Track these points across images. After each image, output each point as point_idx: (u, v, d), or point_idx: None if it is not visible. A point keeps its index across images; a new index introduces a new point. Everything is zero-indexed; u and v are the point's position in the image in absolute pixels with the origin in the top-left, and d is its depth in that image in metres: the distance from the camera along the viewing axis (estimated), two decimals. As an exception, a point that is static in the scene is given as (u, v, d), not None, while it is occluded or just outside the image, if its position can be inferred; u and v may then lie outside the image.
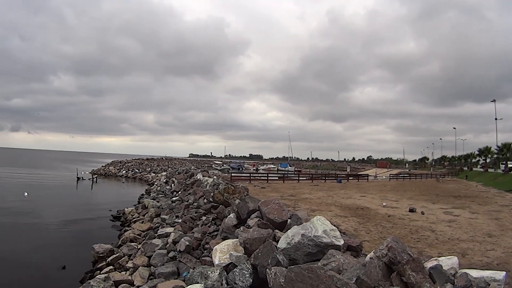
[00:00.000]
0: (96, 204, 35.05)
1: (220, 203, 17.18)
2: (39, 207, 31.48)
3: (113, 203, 34.82)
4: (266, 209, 11.39)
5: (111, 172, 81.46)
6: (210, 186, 25.41)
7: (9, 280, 14.03)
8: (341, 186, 40.81)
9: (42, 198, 37.20)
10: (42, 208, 30.85)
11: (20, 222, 24.82)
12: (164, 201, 28.03)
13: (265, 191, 28.30)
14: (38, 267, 15.66)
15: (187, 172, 45.46)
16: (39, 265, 15.91)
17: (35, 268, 15.52)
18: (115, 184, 61.11)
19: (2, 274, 14.50)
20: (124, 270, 13.78)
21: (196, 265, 11.34)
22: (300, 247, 8.17)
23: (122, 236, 19.62)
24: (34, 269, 15.39)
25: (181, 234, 14.65)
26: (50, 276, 14.69)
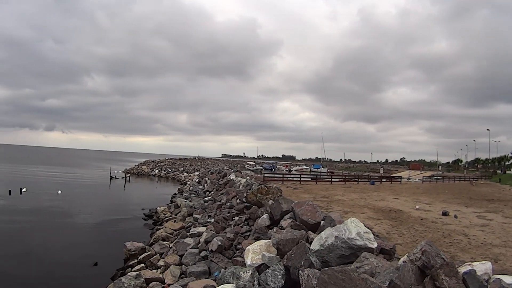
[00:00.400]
0: (129, 203, 36.00)
1: (253, 204, 17.18)
2: (73, 205, 32.67)
3: (145, 202, 35.63)
4: (299, 210, 11.31)
5: (144, 171, 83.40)
6: (243, 187, 25.50)
7: (44, 276, 14.60)
8: (374, 188, 40.22)
9: (75, 196, 38.61)
10: (75, 206, 31.99)
11: (53, 219, 25.79)
12: (197, 201, 28.35)
13: (298, 192, 28.21)
14: (71, 264, 16.18)
15: (220, 172, 45.84)
16: (72, 262, 16.43)
17: (68, 265, 16.05)
18: (148, 183, 62.61)
19: (37, 270, 15.13)
20: (156, 268, 14.07)
21: (228, 265, 11.36)
22: (333, 249, 8.05)
23: (154, 234, 20.01)
24: (67, 266, 15.92)
25: (214, 234, 14.75)
26: (82, 273, 15.16)
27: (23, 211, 28.02)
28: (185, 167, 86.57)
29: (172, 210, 27.33)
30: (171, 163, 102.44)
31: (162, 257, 15.07)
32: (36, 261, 16.22)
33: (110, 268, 15.20)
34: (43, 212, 28.17)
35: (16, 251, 17.60)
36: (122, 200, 38.38)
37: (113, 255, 17.20)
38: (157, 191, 49.11)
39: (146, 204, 33.46)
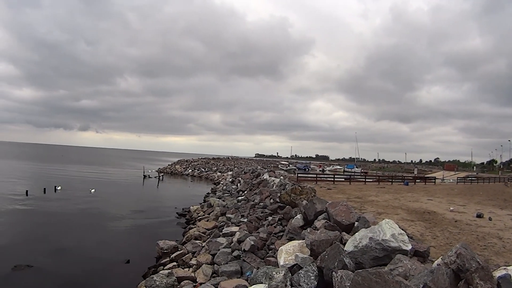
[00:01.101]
0: (162, 202, 36.76)
1: (287, 204, 17.22)
2: (106, 203, 33.77)
3: (178, 201, 36.33)
4: (333, 211, 11.28)
5: (177, 170, 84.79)
6: (277, 187, 25.56)
7: (77, 272, 15.16)
8: (408, 188, 39.75)
9: (108, 195, 39.79)
10: (108, 205, 33.06)
11: (87, 217, 26.78)
12: (230, 200, 28.63)
13: (331, 193, 28.18)
14: (104, 261, 16.75)
15: (253, 172, 46.09)
16: (105, 259, 17.02)
17: (101, 262, 16.62)
18: (181, 182, 63.68)
19: (71, 266, 15.76)
20: (188, 267, 14.34)
21: (260, 265, 11.46)
22: (367, 251, 8.01)
23: (187, 233, 20.38)
24: (100, 262, 16.48)
25: (246, 234, 14.89)
26: (114, 270, 15.69)
27: (57, 209, 29.16)
28: (218, 167, 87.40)
29: (205, 209, 27.73)
30: (205, 162, 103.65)
31: (195, 256, 15.35)
32: (70, 258, 16.91)
33: (142, 266, 15.64)
34: (77, 210, 29.28)
35: (52, 247, 18.40)
36: (155, 199, 39.22)
37: (145, 253, 17.70)
38: (190, 190, 49.91)
39: (179, 203, 34.11)
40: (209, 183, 61.30)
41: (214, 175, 70.47)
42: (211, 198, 31.95)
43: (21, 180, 49.44)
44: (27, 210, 28.31)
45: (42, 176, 57.40)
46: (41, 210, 28.59)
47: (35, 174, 62.13)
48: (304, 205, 13.75)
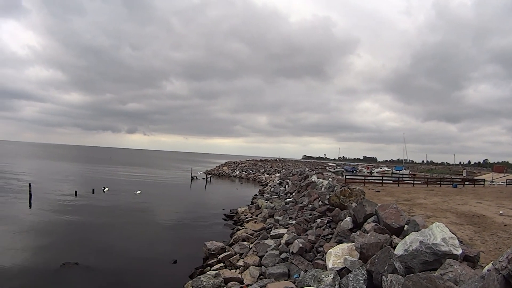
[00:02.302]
0: (209, 203, 37.46)
1: (336, 206, 17.12)
2: (153, 204, 34.99)
3: (226, 202, 36.87)
4: (383, 214, 11.15)
5: (225, 172, 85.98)
6: (325, 189, 25.41)
7: (124, 271, 15.84)
8: (456, 191, 38.36)
9: (156, 196, 41.10)
10: (156, 205, 34.25)
11: (135, 217, 27.88)
12: (278, 202, 28.71)
13: (380, 195, 27.78)
14: (151, 261, 17.35)
15: (301, 173, 45.98)
16: (152, 259, 17.62)
17: (147, 261, 17.23)
18: (229, 184, 64.61)
19: (119, 265, 16.47)
20: (235, 268, 14.60)
21: (308, 267, 11.52)
22: (417, 255, 7.90)
23: (234, 234, 20.70)
24: (147, 262, 17.10)
25: (295, 236, 14.93)
26: (162, 270, 16.22)
27: (105, 209, 30.55)
28: (266, 169, 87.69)
29: (253, 211, 28.03)
30: (252, 164, 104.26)
31: (242, 257, 15.61)
32: (117, 257, 17.68)
33: (189, 266, 16.05)
34: (124, 211, 30.54)
35: (99, 246, 19.32)
36: (202, 200, 40.06)
37: (193, 253, 18.16)
38: (237, 192, 50.58)
39: (227, 204, 34.62)
40: (257, 185, 61.86)
41: (262, 177, 70.98)
42: (259, 199, 32.15)
43: (70, 181, 52.13)
44: (76, 209, 29.82)
45: (90, 177, 60.09)
46: (89, 210, 30.04)
47: (84, 175, 65.12)
48: (353, 208, 13.66)
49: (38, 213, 27.32)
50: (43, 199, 33.14)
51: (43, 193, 36.06)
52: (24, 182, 42.29)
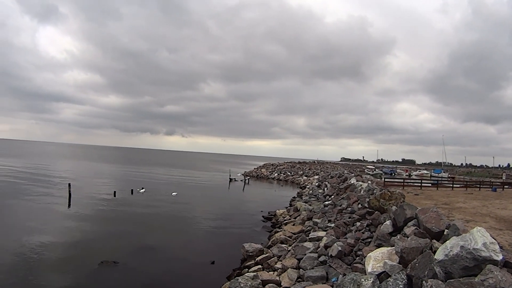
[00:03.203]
0: (248, 205, 37.85)
1: (375, 209, 16.92)
2: (191, 205, 35.64)
3: (264, 204, 37.23)
4: (423, 217, 10.95)
5: (263, 174, 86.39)
6: (365, 191, 25.13)
7: (161, 271, 16.25)
8: (496, 195, 36.92)
9: (194, 197, 41.90)
10: (194, 206, 34.88)
11: (173, 218, 28.53)
12: (316, 205, 28.61)
13: (419, 198, 27.25)
14: (188, 261, 17.79)
15: (340, 176, 45.64)
16: (189, 259, 18.06)
17: (185, 262, 17.68)
18: (267, 186, 64.78)
19: (155, 265, 16.87)
20: (272, 270, 14.64)
21: (347, 271, 11.47)
22: (457, 260, 7.73)
23: (273, 237, 20.84)
24: (184, 262, 17.55)
25: (334, 239, 14.88)
26: (199, 270, 16.56)
27: (143, 210, 31.43)
28: (304, 171, 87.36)
29: (291, 213, 28.06)
30: (290, 166, 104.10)
31: (280, 259, 15.66)
32: (155, 256, 18.15)
33: (226, 267, 16.35)
34: (162, 211, 31.30)
35: (137, 246, 19.90)
36: (240, 202, 40.41)
37: (230, 255, 18.44)
38: (276, 194, 50.64)
39: (265, 206, 34.92)
40: (295, 187, 61.80)
41: (300, 179, 70.79)
42: (297, 202, 32.17)
43: (109, 182, 53.79)
44: (114, 210, 30.86)
45: (129, 178, 61.95)
46: (127, 210, 31.01)
47: (122, 176, 67.16)
48: (393, 211, 13.48)
49: (77, 212, 28.43)
50: (82, 199, 34.43)
51: (82, 193, 37.47)
52: (64, 182, 43.93)
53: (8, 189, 38.30)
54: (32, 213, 26.78)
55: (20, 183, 44.00)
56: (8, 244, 18.47)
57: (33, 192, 37.06)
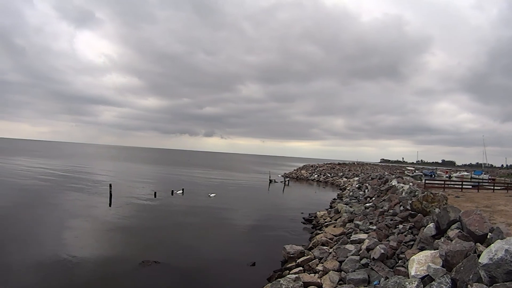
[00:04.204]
0: (288, 206, 37.91)
1: (418, 212, 16.70)
2: (231, 206, 36.02)
3: (304, 206, 37.20)
4: (467, 220, 10.73)
5: (303, 175, 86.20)
6: (406, 193, 24.75)
7: (202, 271, 16.52)
8: None
9: (234, 199, 42.39)
10: (234, 208, 35.22)
11: (212, 219, 28.88)
12: (357, 207, 28.40)
13: (459, 201, 26.47)
14: (229, 262, 17.99)
15: (380, 178, 45.07)
16: (230, 260, 18.26)
17: (226, 262, 17.88)
18: (307, 187, 64.78)
19: (195, 265, 17.14)
20: (314, 272, 14.69)
21: (389, 274, 11.39)
22: (502, 264, 7.54)
23: (314, 238, 20.82)
24: (225, 263, 17.74)
25: (376, 242, 14.76)
26: (240, 271, 16.75)
27: (183, 210, 32.09)
28: (344, 172, 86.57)
29: (332, 215, 27.94)
30: (330, 168, 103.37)
31: (321, 262, 15.64)
32: (195, 257, 18.47)
33: (267, 269, 16.46)
34: (202, 212, 31.84)
35: (178, 246, 20.42)
36: (281, 204, 40.54)
37: (271, 256, 18.56)
38: (316, 196, 50.55)
39: (305, 208, 34.90)
40: (335, 188, 61.35)
41: (340, 181, 70.26)
42: (338, 204, 31.96)
43: (149, 183, 55.05)
44: (154, 210, 31.67)
45: (169, 179, 63.42)
46: (167, 210, 31.76)
47: (162, 177, 68.80)
48: (437, 214, 13.27)
49: (118, 212, 29.28)
50: (123, 199, 35.41)
51: (123, 194, 38.54)
52: (105, 182, 45.33)
53: (51, 189, 39.95)
54: (73, 213, 27.89)
55: (61, 184, 45.77)
56: (50, 243, 19.30)
57: (74, 193, 38.50)
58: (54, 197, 34.44)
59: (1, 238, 19.62)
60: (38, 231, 21.69)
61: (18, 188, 39.38)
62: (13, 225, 22.69)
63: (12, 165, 70.82)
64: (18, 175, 53.01)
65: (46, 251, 17.72)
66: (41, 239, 19.83)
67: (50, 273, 14.90)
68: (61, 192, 38.20)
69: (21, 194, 35.00)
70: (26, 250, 17.51)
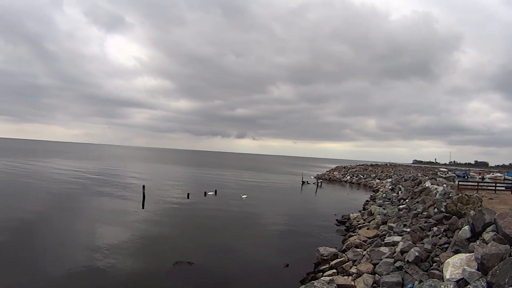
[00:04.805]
0: (320, 208, 37.86)
1: (452, 214, 16.41)
2: (264, 207, 36.20)
3: (337, 207, 37.06)
4: (502, 223, 10.54)
5: (336, 177, 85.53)
6: (440, 195, 24.32)
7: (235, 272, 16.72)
8: None
9: (266, 200, 42.52)
10: (266, 209, 35.42)
11: (245, 220, 29.27)
12: (391, 209, 28.08)
13: (493, 203, 25.64)
14: (262, 263, 18.14)
15: (414, 179, 44.36)
16: (263, 261, 18.40)
17: (259, 263, 18.06)
18: (339, 189, 64.27)
19: (229, 266, 17.38)
20: (347, 275, 14.65)
21: (423, 277, 11.30)
22: None
23: (347, 241, 20.73)
24: (258, 264, 17.94)
25: (410, 244, 14.61)
26: (273, 273, 16.80)
27: (216, 211, 32.45)
28: (376, 174, 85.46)
29: (365, 217, 27.74)
30: (362, 169, 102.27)
31: (355, 264, 15.59)
32: (229, 258, 18.75)
33: (300, 271, 16.47)
34: (234, 213, 32.24)
35: (211, 247, 20.64)
36: (313, 205, 40.49)
37: (304, 258, 18.62)
38: (348, 197, 50.21)
39: (338, 209, 34.78)
40: (368, 190, 60.80)
41: (373, 182, 69.42)
42: (371, 206, 31.66)
43: (183, 184, 55.95)
44: (187, 211, 32.14)
45: (201, 180, 64.19)
46: (200, 211, 32.19)
47: (195, 178, 69.67)
48: (472, 216, 13.07)
49: (151, 213, 29.87)
50: (156, 200, 36.10)
51: (156, 195, 39.24)
52: (138, 184, 46.24)
53: (84, 191, 40.94)
54: (107, 214, 28.65)
55: (95, 185, 46.97)
56: (84, 243, 19.76)
57: (108, 193, 39.56)
58: (88, 199, 35.48)
59: (38, 237, 20.42)
60: (73, 231, 22.43)
61: (54, 189, 40.97)
62: (49, 225, 23.74)
63: (47, 167, 73.32)
64: (52, 177, 54.92)
65: (81, 251, 18.32)
66: (75, 240, 20.48)
67: (84, 273, 15.41)
68: (95, 193, 39.26)
69: (57, 195, 36.35)
70: (61, 251, 18.15)
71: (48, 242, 19.74)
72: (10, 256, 17.10)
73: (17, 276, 14.64)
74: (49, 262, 16.54)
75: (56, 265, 16.13)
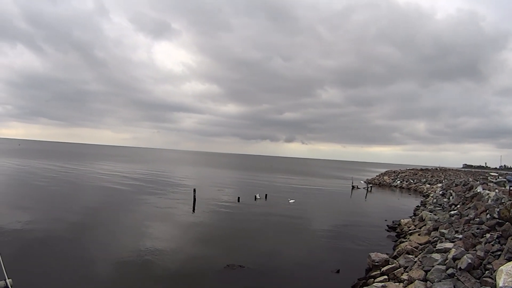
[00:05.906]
0: (371, 213, 37.43)
1: (505, 220, 15.96)
2: (313, 212, 36.26)
3: (387, 213, 36.57)
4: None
5: (385, 181, 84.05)
6: (493, 201, 23.60)
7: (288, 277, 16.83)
8: None
9: (315, 205, 42.51)
10: (316, 214, 35.48)
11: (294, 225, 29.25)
12: (442, 215, 27.47)
13: None
14: (313, 268, 18.21)
15: (465, 184, 43.00)
16: (314, 266, 18.47)
17: (309, 268, 18.13)
18: (389, 194, 63.10)
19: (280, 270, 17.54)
20: (399, 281, 14.57)
21: (475, 285, 11.19)
22: None
23: (398, 247, 20.57)
24: (309, 269, 18.00)
25: (463, 251, 14.40)
26: (324, 278, 16.86)
27: (266, 215, 32.67)
28: (427, 178, 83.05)
29: (416, 223, 27.25)
30: (412, 173, 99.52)
31: (406, 271, 15.48)
32: (280, 262, 18.87)
33: (351, 276, 16.46)
34: (284, 217, 32.39)
35: (263, 251, 20.90)
36: (363, 210, 40.10)
37: (355, 263, 18.58)
38: (399, 202, 49.27)
39: (388, 215, 34.32)
40: (418, 195, 59.30)
41: (423, 187, 67.41)
42: (422, 211, 31.06)
43: (233, 188, 56.74)
44: (238, 215, 32.57)
45: (251, 184, 64.45)
46: (251, 215, 32.55)
47: (245, 182, 69.99)
48: (525, 223, 12.81)
49: (202, 216, 30.45)
50: (206, 203, 36.70)
51: (206, 198, 39.92)
52: (188, 187, 47.41)
53: (134, 194, 41.99)
54: (158, 217, 29.33)
55: (145, 188, 48.10)
56: (135, 246, 20.13)
57: (159, 197, 40.34)
58: (138, 201, 36.48)
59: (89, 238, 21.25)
60: (123, 234, 23.14)
61: (104, 192, 42.51)
62: (100, 227, 24.35)
63: (98, 170, 76.58)
64: (103, 179, 57.08)
65: (131, 254, 18.70)
66: (126, 243, 20.97)
67: (135, 276, 15.76)
68: (145, 196, 40.14)
69: (107, 198, 37.70)
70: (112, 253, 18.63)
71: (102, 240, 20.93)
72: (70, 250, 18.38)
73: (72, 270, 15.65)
74: (101, 259, 17.44)
75: (109, 262, 17.04)
